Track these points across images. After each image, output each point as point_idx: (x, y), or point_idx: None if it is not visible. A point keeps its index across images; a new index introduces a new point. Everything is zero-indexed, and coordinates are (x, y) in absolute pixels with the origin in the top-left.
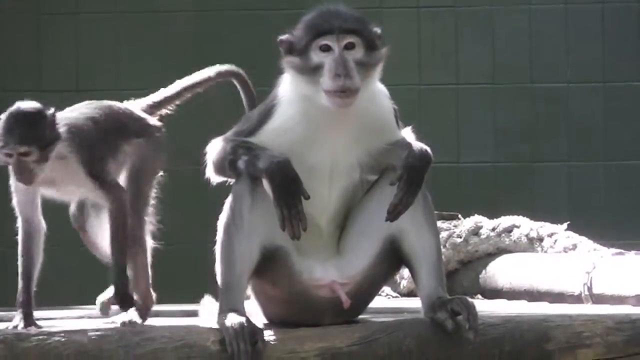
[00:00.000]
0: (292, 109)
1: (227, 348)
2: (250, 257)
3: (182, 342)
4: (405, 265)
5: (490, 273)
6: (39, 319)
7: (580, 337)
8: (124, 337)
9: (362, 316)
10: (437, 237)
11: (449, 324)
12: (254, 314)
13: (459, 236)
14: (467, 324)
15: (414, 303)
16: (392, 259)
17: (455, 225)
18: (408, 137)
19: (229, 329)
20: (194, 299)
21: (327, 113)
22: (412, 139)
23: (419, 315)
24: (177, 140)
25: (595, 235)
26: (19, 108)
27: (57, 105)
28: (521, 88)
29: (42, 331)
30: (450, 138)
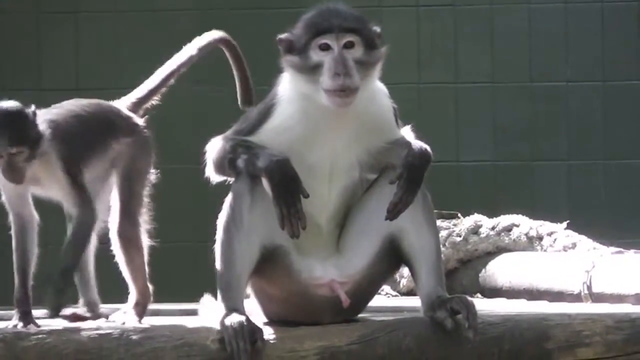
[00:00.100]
0: (291, 107)
1: (227, 347)
2: (249, 256)
3: (181, 340)
4: (404, 264)
5: (490, 272)
6: (39, 318)
7: (579, 336)
8: (124, 335)
9: (361, 315)
10: (437, 236)
11: (448, 323)
12: (254, 313)
13: (458, 235)
14: (466, 323)
15: (413, 302)
16: (391, 257)
17: (454, 224)
18: (408, 136)
19: (228, 328)
20: (193, 298)
21: (326, 112)
22: (411, 138)
23: (418, 314)
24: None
25: (595, 234)
26: (3, 109)
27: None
28: (521, 87)
29: (42, 330)
30: (449, 137)
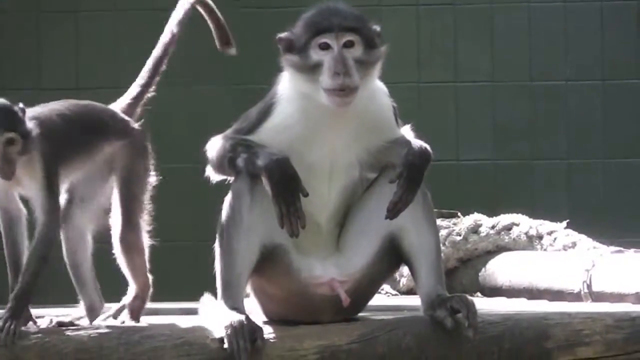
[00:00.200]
0: (291, 106)
1: (227, 346)
2: (249, 255)
3: (181, 339)
4: (404, 263)
5: (490, 271)
6: (39, 317)
7: (579, 335)
8: (124, 334)
9: (361, 314)
10: (437, 235)
11: (448, 322)
12: (254, 312)
13: (458, 234)
14: (466, 322)
15: (413, 301)
16: (391, 256)
17: (454, 223)
18: (408, 135)
19: (228, 327)
20: (193, 297)
21: (326, 111)
22: (411, 137)
23: (418, 313)
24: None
25: (595, 233)
26: None
27: None
28: (520, 86)
29: (42, 329)
30: (449, 136)
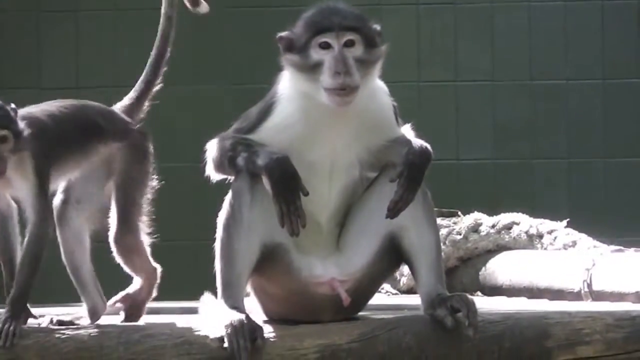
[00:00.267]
0: (291, 106)
1: (227, 345)
2: (249, 254)
3: (182, 339)
4: (405, 263)
5: (490, 270)
6: (40, 316)
7: (579, 334)
8: (124, 333)
9: (361, 313)
10: (437, 234)
11: (448, 321)
12: (254, 311)
13: (458, 233)
14: (466, 321)
15: (413, 300)
16: (391, 256)
17: (454, 222)
18: (408, 134)
19: (228, 326)
20: (193, 296)
21: (326, 110)
22: (412, 136)
23: (418, 312)
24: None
25: (595, 232)
26: None
27: None
28: (520, 85)
29: (42, 328)
30: (449, 135)
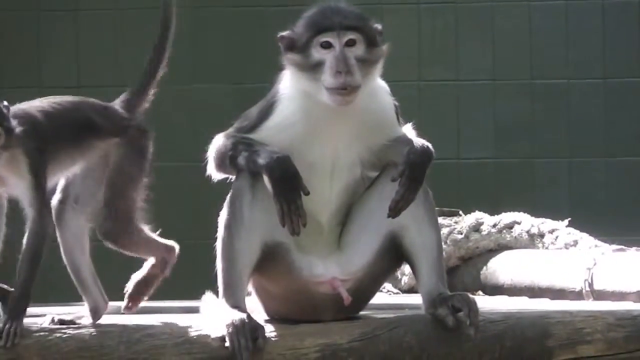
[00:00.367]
0: (292, 105)
1: (228, 344)
2: (250, 253)
3: (183, 338)
4: (406, 262)
5: (491, 269)
6: (40, 315)
7: (581, 334)
8: (125, 333)
9: (363, 312)
10: (438, 233)
11: (449, 320)
12: (255, 311)
13: (459, 232)
14: (467, 320)
15: (414, 299)
16: (393, 255)
17: (456, 222)
18: (409, 134)
19: (229, 326)
20: (194, 296)
21: (327, 110)
22: (413, 135)
23: (419, 311)
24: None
25: (596, 231)
26: None
27: None
28: (521, 84)
29: (43, 327)
30: (450, 134)
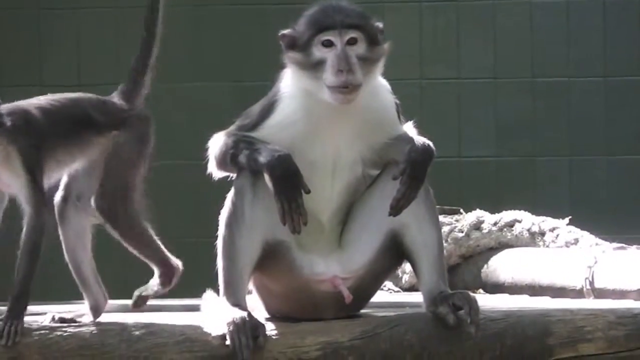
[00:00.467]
0: (294, 104)
1: (229, 342)
2: (251, 251)
3: (183, 336)
4: (407, 260)
5: (492, 268)
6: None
7: (581, 332)
8: (126, 331)
9: (363, 310)
10: (439, 231)
11: (450, 319)
12: (256, 309)
13: (460, 231)
14: (468, 319)
15: (415, 297)
16: (393, 253)
17: (457, 220)
18: (410, 132)
19: (230, 324)
20: (195, 294)
21: (329, 108)
22: (414, 134)
23: (420, 309)
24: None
25: (597, 229)
26: None
27: None
28: (522, 82)
29: (44, 325)
30: (451, 132)
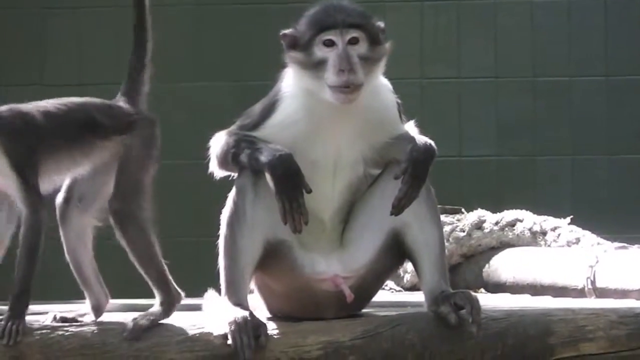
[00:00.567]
0: (295, 103)
1: (231, 342)
2: (253, 251)
3: (185, 335)
4: (408, 259)
5: (494, 267)
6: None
7: (583, 331)
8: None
9: (365, 310)
10: (441, 230)
11: (452, 318)
12: (257, 308)
13: (462, 230)
14: (470, 318)
15: (417, 297)
16: (395, 252)
17: (458, 219)
18: (412, 131)
19: (232, 323)
20: (197, 293)
21: (330, 108)
22: (415, 133)
23: (422, 309)
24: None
25: (599, 229)
26: None
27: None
28: (524, 82)
29: (45, 325)
30: (453, 132)
